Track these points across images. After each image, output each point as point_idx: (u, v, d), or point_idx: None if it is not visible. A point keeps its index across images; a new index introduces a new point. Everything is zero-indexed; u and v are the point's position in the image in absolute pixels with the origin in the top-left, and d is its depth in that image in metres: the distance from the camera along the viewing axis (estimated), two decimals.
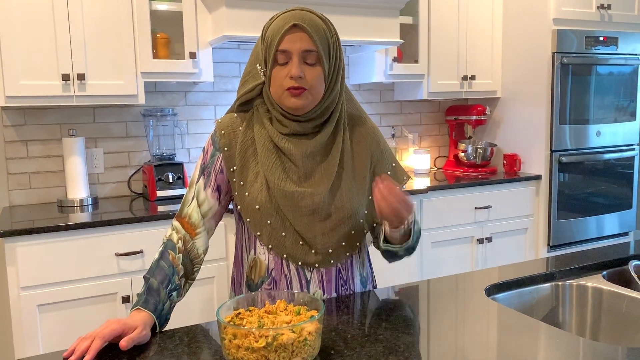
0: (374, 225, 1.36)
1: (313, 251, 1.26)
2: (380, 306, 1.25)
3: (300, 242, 1.26)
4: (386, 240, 1.28)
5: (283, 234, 1.26)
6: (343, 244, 1.28)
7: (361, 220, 1.31)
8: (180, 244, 1.24)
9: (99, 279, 2.28)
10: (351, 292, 1.34)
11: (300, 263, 1.27)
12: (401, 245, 1.25)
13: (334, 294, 1.31)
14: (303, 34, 1.19)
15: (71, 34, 2.42)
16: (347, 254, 1.30)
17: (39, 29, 2.37)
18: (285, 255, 1.26)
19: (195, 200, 1.28)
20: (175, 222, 1.28)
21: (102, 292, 2.28)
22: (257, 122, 1.29)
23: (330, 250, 1.27)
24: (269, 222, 1.26)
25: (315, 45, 1.19)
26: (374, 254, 1.46)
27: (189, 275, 1.24)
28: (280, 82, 1.21)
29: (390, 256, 1.29)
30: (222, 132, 1.30)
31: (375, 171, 1.34)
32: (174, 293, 1.19)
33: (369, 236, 1.43)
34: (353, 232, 1.30)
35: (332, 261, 1.28)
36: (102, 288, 2.28)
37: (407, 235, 1.25)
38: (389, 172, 1.35)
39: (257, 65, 1.26)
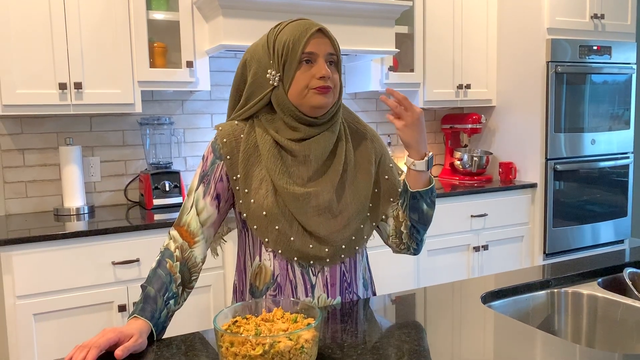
0: (382, 221, 1.37)
1: (327, 249, 1.27)
2: (377, 314, 1.26)
3: (310, 246, 1.27)
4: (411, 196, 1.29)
5: (292, 238, 1.26)
6: (353, 238, 1.31)
7: (368, 214, 1.34)
8: (177, 253, 1.24)
9: (95, 287, 2.28)
10: (354, 295, 1.35)
11: (312, 261, 1.27)
12: (425, 188, 1.27)
13: (338, 298, 1.32)
14: (326, 39, 1.26)
15: (68, 42, 2.43)
16: (357, 248, 1.32)
17: (36, 37, 2.38)
18: (295, 258, 1.27)
19: (194, 208, 1.28)
20: (173, 231, 1.28)
21: (98, 301, 2.28)
22: (260, 130, 1.30)
23: (343, 246, 1.29)
24: (276, 227, 1.26)
25: (335, 49, 1.27)
26: (373, 261, 1.47)
27: (187, 284, 1.24)
28: (306, 82, 1.25)
29: (416, 212, 1.29)
30: (224, 140, 1.30)
31: (380, 167, 1.38)
32: (172, 301, 1.19)
33: (371, 243, 1.45)
34: (362, 226, 1.33)
35: (342, 256, 1.30)
36: (98, 297, 2.28)
37: (428, 181, 1.29)
38: (387, 176, 1.37)
39: (270, 70, 1.27)
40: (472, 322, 1.19)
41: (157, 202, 2.70)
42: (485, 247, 3.19)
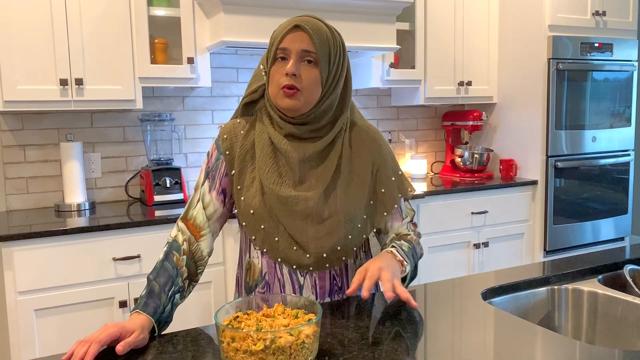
0: (376, 231, 1.37)
1: (307, 255, 1.27)
2: (377, 310, 1.26)
3: (295, 247, 1.27)
4: None
5: (276, 238, 1.27)
6: (338, 248, 1.28)
7: (359, 225, 1.31)
8: (185, 246, 1.25)
9: (96, 283, 2.28)
10: (345, 299, 1.34)
11: (294, 266, 1.27)
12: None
13: (327, 299, 1.31)
14: (304, 35, 1.21)
15: (69, 38, 2.43)
16: (343, 258, 1.30)
17: (37, 33, 2.37)
18: (279, 259, 1.27)
19: (200, 202, 1.30)
20: (181, 224, 1.29)
21: (99, 297, 2.28)
22: (259, 128, 1.31)
23: (324, 255, 1.27)
24: (262, 226, 1.27)
25: (314, 47, 1.21)
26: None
27: (193, 277, 1.25)
28: (277, 79, 1.23)
29: None
30: (225, 136, 1.32)
31: (377, 177, 1.34)
32: (177, 295, 1.20)
33: (375, 242, 1.44)
34: (350, 236, 1.29)
35: (327, 265, 1.28)
36: (99, 293, 2.28)
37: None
38: (383, 189, 1.34)
39: (261, 65, 1.29)
40: (472, 319, 1.19)
41: (157, 198, 2.70)
42: (486, 244, 3.19)
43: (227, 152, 1.31)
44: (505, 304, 1.40)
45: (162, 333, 1.16)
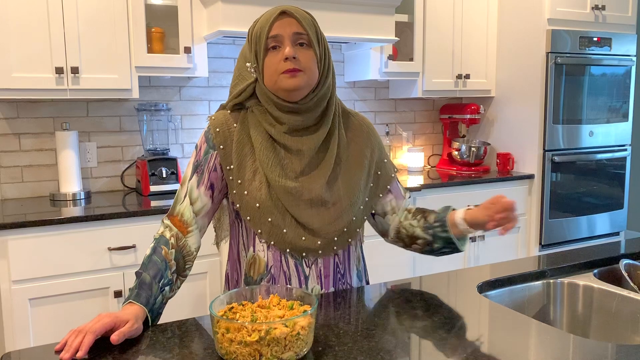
0: (373, 212, 1.40)
1: (319, 242, 1.27)
2: (372, 302, 1.26)
3: (303, 238, 1.26)
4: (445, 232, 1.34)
5: (284, 230, 1.26)
6: (345, 230, 1.30)
7: (361, 207, 1.33)
8: (172, 240, 1.23)
9: (91, 273, 2.28)
10: (348, 286, 1.35)
11: (304, 253, 1.27)
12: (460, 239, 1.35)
13: (332, 289, 1.32)
14: (292, 19, 1.23)
15: (65, 26, 2.40)
16: (350, 240, 1.32)
17: (33, 21, 2.35)
18: (288, 250, 1.26)
19: (187, 198, 1.27)
20: (167, 221, 1.27)
21: (94, 287, 2.28)
22: (253, 122, 1.29)
23: (335, 238, 1.29)
24: (269, 219, 1.26)
25: (304, 29, 1.23)
26: (369, 250, 1.47)
27: (181, 272, 1.24)
28: (275, 67, 1.23)
29: (440, 248, 1.36)
30: (217, 129, 1.29)
31: (373, 161, 1.38)
32: (167, 288, 1.19)
33: (367, 232, 1.46)
34: (354, 218, 1.32)
35: (334, 248, 1.29)
36: (94, 282, 2.28)
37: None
38: (379, 172, 1.38)
39: (247, 63, 1.27)
40: (468, 312, 1.19)
41: (153, 188, 2.69)
42: (482, 237, 3.20)
43: (222, 147, 1.28)
44: (500, 297, 1.40)
45: (156, 324, 1.16)
